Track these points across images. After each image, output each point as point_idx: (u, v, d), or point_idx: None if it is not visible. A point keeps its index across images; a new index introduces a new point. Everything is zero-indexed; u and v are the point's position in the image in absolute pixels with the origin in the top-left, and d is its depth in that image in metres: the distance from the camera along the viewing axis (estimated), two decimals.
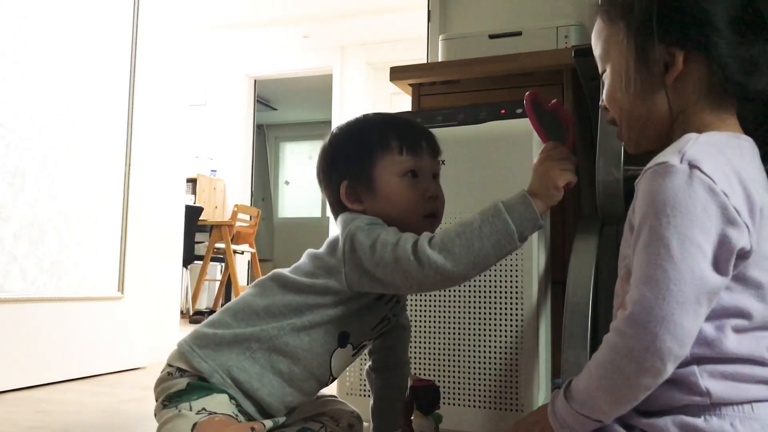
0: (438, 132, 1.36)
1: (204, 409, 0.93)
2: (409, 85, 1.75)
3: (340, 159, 1.08)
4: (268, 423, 0.99)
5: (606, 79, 0.87)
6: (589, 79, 1.39)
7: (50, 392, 1.87)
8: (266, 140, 8.57)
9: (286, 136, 8.70)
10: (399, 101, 5.39)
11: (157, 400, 0.99)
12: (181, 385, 0.97)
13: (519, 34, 1.69)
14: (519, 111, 1.33)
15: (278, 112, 8.29)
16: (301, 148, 8.58)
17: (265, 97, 7.56)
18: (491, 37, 1.72)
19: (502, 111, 1.34)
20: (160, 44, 2.46)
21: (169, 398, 0.97)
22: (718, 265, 0.69)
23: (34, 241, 1.94)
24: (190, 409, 0.93)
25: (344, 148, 1.09)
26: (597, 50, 0.88)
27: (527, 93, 0.99)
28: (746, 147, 0.78)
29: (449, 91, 1.69)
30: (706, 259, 0.68)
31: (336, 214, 1.08)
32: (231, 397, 0.97)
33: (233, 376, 0.98)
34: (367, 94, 5.94)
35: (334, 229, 1.06)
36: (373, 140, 1.06)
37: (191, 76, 4.81)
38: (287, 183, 8.57)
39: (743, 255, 0.70)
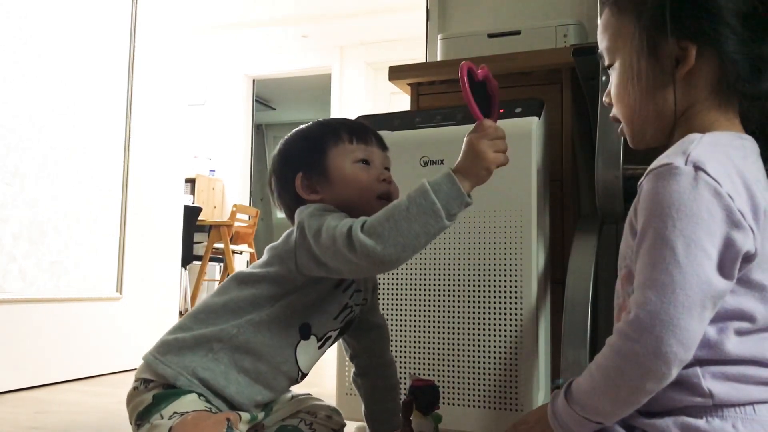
0: (437, 131, 1.37)
1: (175, 412, 0.93)
2: (408, 84, 1.74)
3: (294, 155, 1.11)
4: (245, 415, 0.99)
5: (613, 72, 0.86)
6: (588, 79, 1.39)
7: (50, 393, 1.87)
8: (265, 140, 8.57)
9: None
10: (398, 101, 5.39)
11: (130, 421, 0.99)
12: (147, 400, 0.97)
13: (518, 33, 1.69)
14: (518, 110, 1.33)
15: (277, 112, 8.29)
16: None
17: (264, 97, 7.56)
18: (490, 36, 1.72)
19: (501, 110, 1.34)
20: (159, 44, 2.46)
21: (139, 417, 0.97)
22: (724, 269, 0.69)
23: (34, 241, 1.94)
24: (162, 418, 0.93)
25: (297, 145, 1.13)
26: (604, 43, 0.86)
27: (463, 64, 0.98)
28: (749, 147, 0.77)
29: (448, 90, 1.69)
30: (711, 262, 0.68)
31: (292, 215, 1.08)
32: (200, 395, 0.97)
33: (199, 376, 0.98)
34: (366, 93, 5.94)
35: None
36: (324, 133, 1.10)
37: (190, 75, 4.79)
38: None
39: (748, 258, 0.70)
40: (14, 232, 1.88)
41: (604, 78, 1.27)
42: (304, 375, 1.08)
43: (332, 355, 1.39)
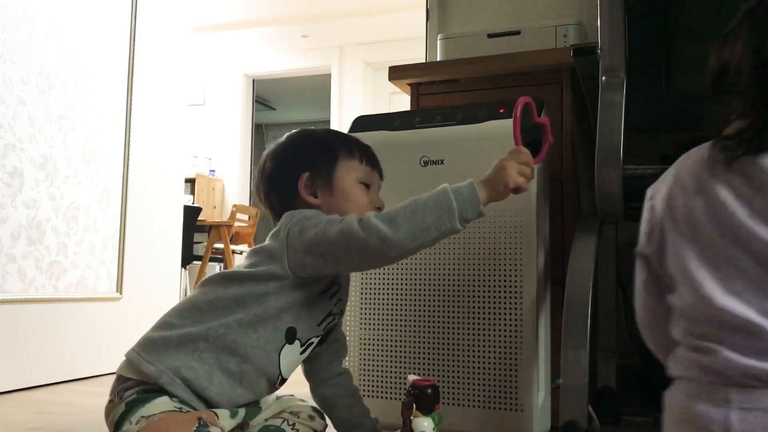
0: (437, 131, 1.37)
1: (143, 416, 0.92)
2: (408, 84, 1.74)
3: (304, 153, 1.12)
4: (223, 412, 0.99)
5: None
6: (588, 79, 1.39)
7: (49, 393, 1.87)
8: (265, 140, 8.57)
9: None
10: (398, 101, 5.39)
11: None
12: (121, 410, 0.96)
13: (518, 33, 1.69)
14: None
15: (277, 112, 8.29)
16: None
17: (263, 97, 7.56)
18: (490, 36, 1.72)
19: (501, 110, 1.34)
20: (158, 44, 2.46)
21: (115, 427, 0.96)
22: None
23: (33, 241, 1.94)
24: (131, 424, 0.92)
25: (309, 145, 1.14)
26: None
27: (523, 98, 1.02)
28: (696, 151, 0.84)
29: (448, 90, 1.69)
30: None
31: (279, 215, 1.09)
32: (172, 396, 0.96)
33: (182, 375, 0.97)
34: (365, 93, 5.94)
35: None
36: (338, 144, 1.13)
37: (190, 75, 4.79)
38: None
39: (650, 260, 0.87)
40: (13, 233, 1.88)
41: (603, 78, 1.27)
42: (284, 380, 1.08)
43: None
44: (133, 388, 0.98)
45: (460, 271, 1.32)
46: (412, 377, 1.06)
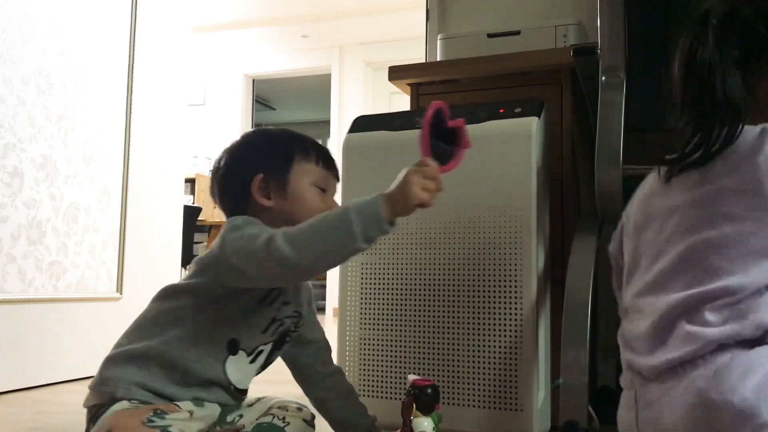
0: None
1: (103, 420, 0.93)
2: (408, 84, 1.74)
3: (259, 154, 1.10)
4: (187, 404, 0.98)
5: None
6: (588, 79, 1.39)
7: (50, 393, 1.87)
8: None
9: None
10: (398, 101, 5.39)
11: None
12: None
13: (518, 33, 1.69)
14: (518, 110, 1.33)
15: (277, 112, 8.29)
16: None
17: (263, 97, 7.56)
18: (490, 36, 1.72)
19: (501, 110, 1.34)
20: (158, 44, 2.46)
21: None
22: None
23: (33, 241, 1.94)
24: None
25: (264, 146, 1.12)
26: None
27: (435, 102, 0.98)
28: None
29: (448, 90, 1.69)
30: None
31: (232, 214, 1.07)
32: (130, 400, 0.96)
33: (136, 381, 0.98)
34: (365, 93, 5.94)
35: None
36: (294, 145, 1.10)
37: (190, 75, 4.79)
38: None
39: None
40: (13, 233, 1.88)
41: (603, 78, 1.27)
42: (238, 390, 1.07)
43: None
44: (99, 411, 0.98)
45: (460, 271, 1.32)
46: (412, 377, 1.06)
